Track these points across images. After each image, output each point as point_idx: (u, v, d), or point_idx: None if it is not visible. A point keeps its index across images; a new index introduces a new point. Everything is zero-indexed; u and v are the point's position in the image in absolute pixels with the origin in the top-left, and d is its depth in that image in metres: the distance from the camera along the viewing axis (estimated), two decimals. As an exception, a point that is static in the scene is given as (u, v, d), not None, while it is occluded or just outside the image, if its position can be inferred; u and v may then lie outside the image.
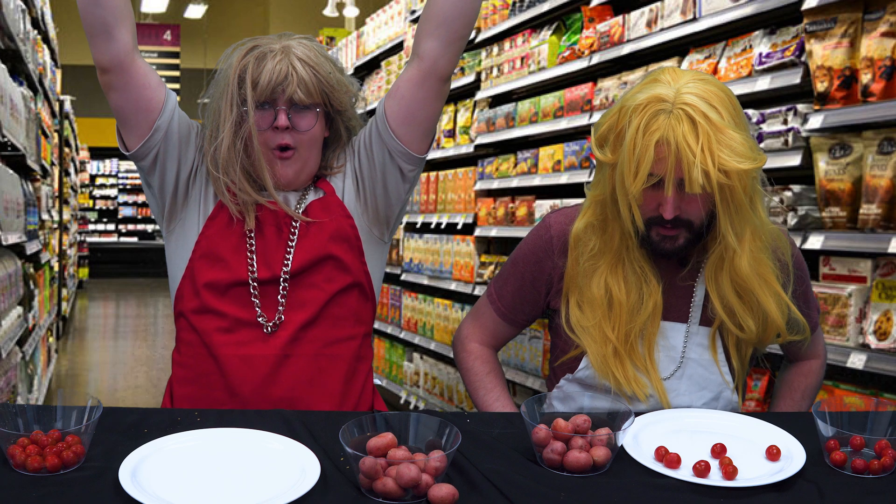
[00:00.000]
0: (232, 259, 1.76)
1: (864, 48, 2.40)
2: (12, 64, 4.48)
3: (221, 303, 1.75)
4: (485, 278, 4.45)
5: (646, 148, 1.55)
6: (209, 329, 1.75)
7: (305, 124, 1.74)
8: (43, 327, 5.56)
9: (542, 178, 4.00)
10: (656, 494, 1.23)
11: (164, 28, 14.95)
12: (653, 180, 1.58)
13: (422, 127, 1.78)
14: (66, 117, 9.21)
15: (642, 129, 1.55)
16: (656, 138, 1.54)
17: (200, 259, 1.77)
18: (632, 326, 1.70)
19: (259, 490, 1.18)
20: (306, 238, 1.78)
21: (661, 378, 1.72)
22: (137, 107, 1.80)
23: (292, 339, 1.74)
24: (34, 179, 5.40)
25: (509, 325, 1.91)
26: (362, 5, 9.73)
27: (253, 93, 1.71)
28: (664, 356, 1.73)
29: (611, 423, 1.36)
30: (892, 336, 2.33)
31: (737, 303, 1.67)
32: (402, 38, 5.70)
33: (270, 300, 1.76)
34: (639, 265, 1.70)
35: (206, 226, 1.79)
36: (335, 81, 1.76)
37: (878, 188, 2.34)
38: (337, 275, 1.78)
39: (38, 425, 1.31)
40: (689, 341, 1.74)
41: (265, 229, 1.78)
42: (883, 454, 1.32)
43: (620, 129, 1.60)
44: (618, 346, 1.70)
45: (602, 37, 3.56)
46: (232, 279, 1.75)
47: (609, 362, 1.70)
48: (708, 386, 1.73)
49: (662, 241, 1.65)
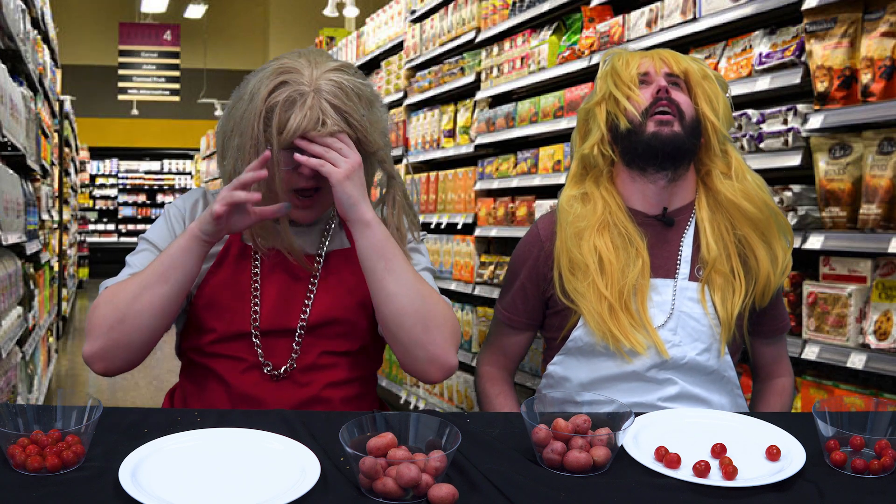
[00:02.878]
0: (236, 308, 1.71)
1: (864, 48, 2.40)
2: (12, 64, 4.48)
3: (227, 348, 1.72)
4: (485, 278, 4.45)
5: (632, 56, 1.85)
6: (218, 366, 1.73)
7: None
8: (43, 327, 5.56)
9: (542, 178, 4.00)
10: (656, 494, 1.23)
11: (164, 28, 14.95)
12: (643, 74, 1.82)
13: None
14: (66, 117, 9.21)
15: (624, 53, 1.87)
16: (639, 54, 1.86)
17: (203, 309, 1.72)
18: (624, 283, 1.78)
19: (259, 490, 1.18)
20: (325, 292, 1.73)
21: (656, 327, 1.79)
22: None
23: (301, 383, 1.71)
24: (34, 179, 5.40)
25: (518, 331, 1.98)
26: (362, 5, 9.73)
27: (279, 137, 1.61)
28: (657, 311, 1.80)
29: (611, 423, 1.36)
30: (892, 336, 2.33)
31: (729, 238, 1.82)
32: (402, 38, 5.70)
33: (280, 349, 1.71)
34: (623, 227, 1.81)
35: (211, 272, 1.73)
36: (368, 124, 1.66)
37: (878, 188, 2.34)
38: (343, 341, 1.74)
39: (38, 425, 1.31)
40: (679, 295, 1.81)
41: (276, 276, 1.73)
42: (883, 454, 1.32)
43: (607, 70, 1.86)
44: (613, 302, 1.77)
45: (602, 37, 3.56)
46: (233, 331, 1.71)
47: (606, 319, 1.77)
48: (700, 338, 1.80)
49: (660, 126, 1.77)
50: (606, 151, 1.85)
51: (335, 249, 1.77)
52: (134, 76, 14.85)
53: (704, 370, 1.80)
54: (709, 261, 1.81)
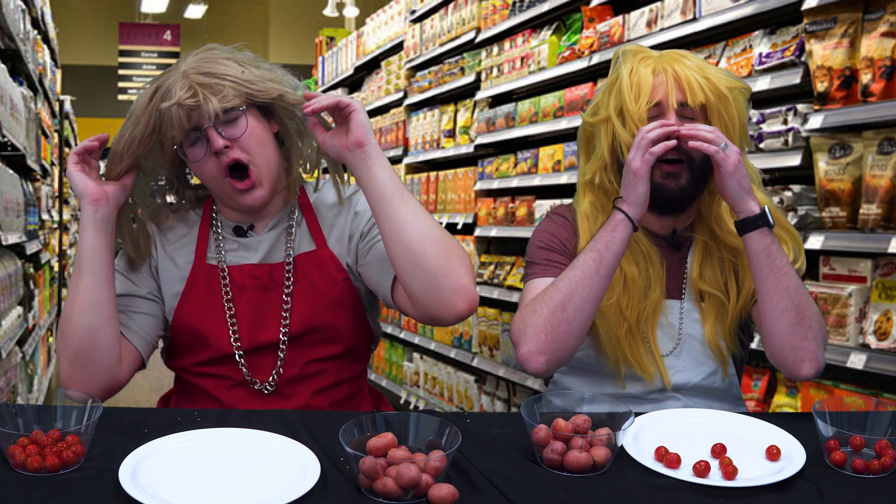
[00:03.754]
0: (215, 333, 1.70)
1: (864, 48, 2.40)
2: (12, 64, 4.48)
3: (213, 369, 1.72)
4: (485, 278, 4.45)
5: (644, 76, 1.68)
6: (207, 385, 1.73)
7: (240, 129, 1.62)
8: (43, 327, 5.55)
9: (542, 178, 4.00)
10: (656, 494, 1.23)
11: (164, 28, 14.95)
12: (654, 107, 1.68)
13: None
14: (66, 117, 9.21)
15: (637, 63, 1.71)
16: (652, 67, 1.69)
17: (183, 336, 1.72)
18: (644, 305, 1.73)
19: (259, 490, 1.18)
20: (300, 301, 1.71)
21: (662, 355, 1.75)
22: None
23: (289, 395, 1.71)
24: (34, 179, 5.40)
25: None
26: (362, 5, 9.73)
27: (172, 134, 1.61)
28: (662, 334, 1.76)
29: (611, 423, 1.35)
30: (892, 336, 2.33)
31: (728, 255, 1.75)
32: (402, 38, 5.70)
33: (264, 365, 1.71)
34: (644, 246, 1.75)
35: (182, 299, 1.71)
36: (250, 76, 1.64)
37: (878, 188, 2.34)
38: (326, 346, 1.73)
39: (38, 425, 1.31)
40: (685, 318, 1.76)
41: (247, 293, 1.71)
42: (883, 454, 1.32)
43: (614, 80, 1.73)
44: (631, 324, 1.72)
45: (602, 37, 3.56)
46: (216, 354, 1.70)
47: (622, 342, 1.72)
48: (705, 362, 1.76)
49: (667, 179, 1.68)
50: (610, 180, 1.77)
51: (302, 253, 1.74)
52: (134, 76, 14.85)
53: (709, 391, 1.77)
54: (710, 282, 1.75)
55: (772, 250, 1.60)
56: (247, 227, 1.75)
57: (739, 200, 1.61)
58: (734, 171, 1.59)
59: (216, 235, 1.75)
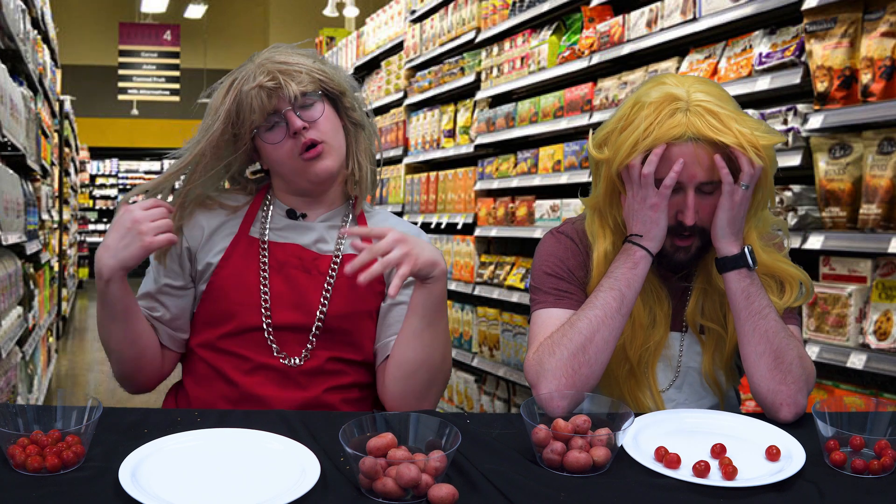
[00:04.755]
0: (242, 302, 1.72)
1: (864, 48, 2.40)
2: (12, 64, 4.48)
3: (237, 344, 1.72)
4: (485, 278, 4.45)
5: (658, 137, 1.53)
6: (224, 366, 1.73)
7: (317, 112, 1.70)
8: (43, 327, 5.56)
9: (542, 178, 4.00)
10: (656, 494, 1.23)
11: (164, 28, 14.95)
12: (668, 187, 1.55)
13: None
14: (66, 117, 9.21)
15: (659, 120, 1.54)
16: (675, 134, 1.53)
17: (214, 302, 1.74)
18: (648, 344, 1.68)
19: (259, 490, 1.18)
20: (339, 296, 1.73)
21: (660, 391, 1.71)
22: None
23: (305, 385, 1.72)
24: (34, 179, 5.40)
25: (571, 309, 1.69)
26: (362, 5, 9.73)
27: (254, 116, 1.67)
28: (663, 366, 1.72)
29: (611, 423, 1.35)
30: (892, 336, 2.33)
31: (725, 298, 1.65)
32: (402, 38, 5.70)
33: (290, 345, 1.72)
34: (652, 282, 1.68)
35: (220, 266, 1.74)
36: (322, 66, 1.74)
37: (878, 188, 2.34)
38: (349, 349, 1.75)
39: (38, 425, 1.31)
40: (686, 350, 1.73)
41: (286, 271, 1.74)
42: (883, 454, 1.32)
43: (629, 121, 1.57)
44: (634, 365, 1.68)
45: (602, 37, 3.56)
46: (245, 325, 1.71)
47: (621, 383, 1.69)
48: (706, 395, 1.73)
49: (676, 252, 1.63)
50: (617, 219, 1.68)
51: (351, 253, 1.74)
52: (134, 76, 14.86)
53: None
54: (710, 316, 1.71)
55: (750, 292, 1.56)
56: (299, 213, 1.79)
57: (721, 237, 1.57)
58: (731, 207, 1.55)
59: (264, 213, 1.79)
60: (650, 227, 1.58)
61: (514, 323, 4.24)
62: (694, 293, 1.71)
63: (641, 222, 1.59)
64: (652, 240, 1.59)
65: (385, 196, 5.84)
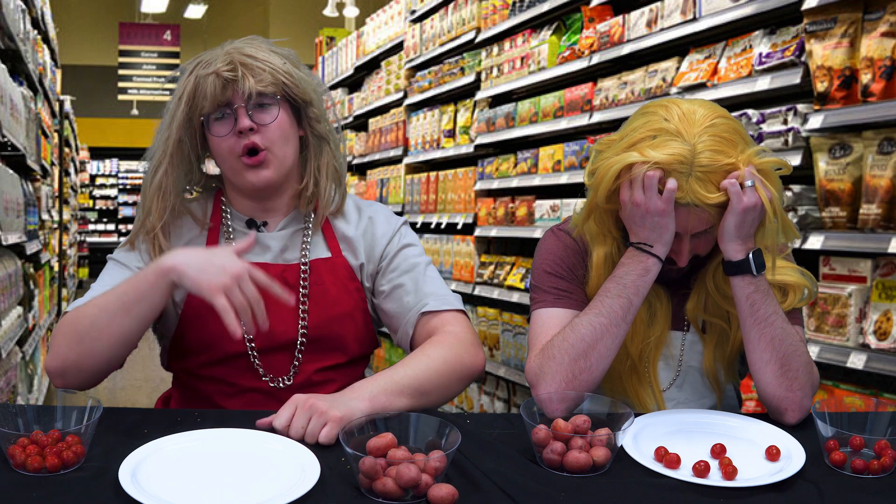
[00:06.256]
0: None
1: (864, 48, 2.40)
2: (12, 64, 4.48)
3: (219, 371, 1.68)
4: (485, 278, 4.45)
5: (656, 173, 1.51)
6: (208, 390, 1.69)
7: (270, 117, 1.62)
8: (43, 327, 5.56)
9: (542, 178, 4.00)
10: (656, 494, 1.23)
11: (164, 28, 14.95)
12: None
13: None
14: (66, 117, 9.21)
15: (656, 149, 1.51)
16: (675, 197, 1.51)
17: (192, 330, 1.67)
18: (648, 341, 1.69)
19: (259, 490, 1.18)
20: (315, 305, 1.69)
21: (661, 390, 1.71)
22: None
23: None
24: (34, 179, 5.40)
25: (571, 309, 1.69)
26: (362, 5, 9.73)
27: (205, 102, 1.60)
28: (664, 365, 1.72)
29: (611, 423, 1.35)
30: (892, 336, 2.33)
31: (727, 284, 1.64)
32: (402, 38, 5.70)
33: (276, 365, 1.68)
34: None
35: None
36: (291, 70, 1.66)
37: (878, 188, 2.34)
38: (333, 355, 1.72)
39: (38, 425, 1.31)
40: (688, 349, 1.73)
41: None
42: (882, 454, 1.32)
43: (627, 144, 1.56)
44: (636, 361, 1.68)
45: (602, 37, 3.56)
46: (228, 352, 1.66)
47: (623, 378, 1.69)
48: (707, 394, 1.73)
49: (669, 271, 1.64)
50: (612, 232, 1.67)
51: (317, 258, 1.72)
52: (134, 76, 14.86)
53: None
54: (712, 311, 1.70)
55: (755, 300, 1.55)
56: (260, 222, 1.73)
57: (728, 241, 1.54)
58: (740, 212, 1.51)
59: (226, 228, 1.73)
60: (660, 232, 1.55)
61: (514, 323, 4.24)
62: (694, 290, 1.71)
63: (649, 229, 1.55)
64: (663, 245, 1.57)
65: (385, 196, 5.84)
